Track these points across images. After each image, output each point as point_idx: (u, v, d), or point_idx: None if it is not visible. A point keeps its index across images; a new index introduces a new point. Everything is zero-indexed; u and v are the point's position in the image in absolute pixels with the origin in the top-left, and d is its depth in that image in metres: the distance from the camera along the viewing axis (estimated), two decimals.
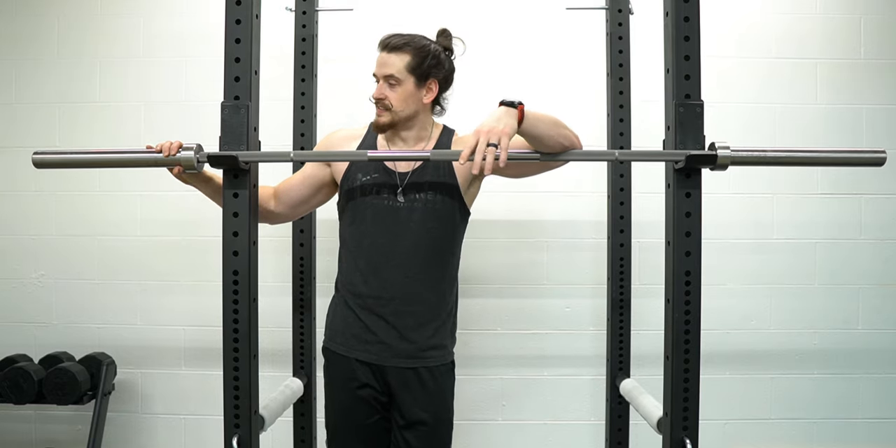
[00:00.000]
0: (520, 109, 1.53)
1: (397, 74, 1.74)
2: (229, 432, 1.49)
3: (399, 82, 1.75)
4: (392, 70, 1.74)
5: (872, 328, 2.58)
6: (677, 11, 1.48)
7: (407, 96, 1.76)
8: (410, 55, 1.75)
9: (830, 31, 2.59)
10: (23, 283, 2.64)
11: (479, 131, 1.49)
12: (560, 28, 2.57)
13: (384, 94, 1.75)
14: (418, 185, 1.78)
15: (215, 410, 1.83)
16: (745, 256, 2.58)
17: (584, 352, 2.56)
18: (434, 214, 1.77)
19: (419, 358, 1.78)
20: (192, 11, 2.61)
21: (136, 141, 2.56)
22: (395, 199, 1.77)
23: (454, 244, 1.84)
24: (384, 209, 1.77)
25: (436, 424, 1.78)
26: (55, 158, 1.58)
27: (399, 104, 1.75)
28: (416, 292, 1.78)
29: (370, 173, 1.79)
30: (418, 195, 1.77)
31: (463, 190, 1.81)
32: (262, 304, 1.60)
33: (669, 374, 1.50)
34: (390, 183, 1.78)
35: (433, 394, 1.78)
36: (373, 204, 1.78)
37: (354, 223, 1.81)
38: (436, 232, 1.78)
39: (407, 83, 1.75)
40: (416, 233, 1.76)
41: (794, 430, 2.59)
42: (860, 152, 1.61)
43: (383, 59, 1.76)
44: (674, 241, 1.49)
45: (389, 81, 1.75)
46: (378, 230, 1.78)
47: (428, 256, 1.78)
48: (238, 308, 1.50)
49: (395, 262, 1.77)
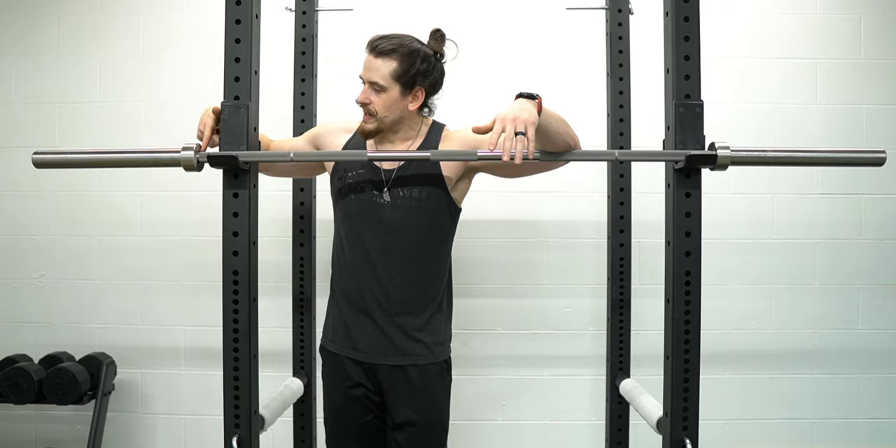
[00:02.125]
0: (538, 102, 1.48)
1: (382, 82, 1.70)
2: (229, 432, 1.49)
3: (383, 89, 1.70)
4: (376, 77, 1.70)
5: (872, 328, 2.58)
6: (677, 11, 1.48)
7: (391, 103, 1.72)
8: (397, 62, 1.69)
9: (830, 31, 2.59)
10: (23, 283, 2.64)
11: (504, 119, 1.42)
12: (560, 28, 2.57)
13: (368, 99, 1.72)
14: (403, 182, 1.75)
15: (215, 410, 1.82)
16: (745, 256, 2.58)
17: (583, 352, 2.56)
18: (420, 212, 1.75)
19: (407, 356, 1.76)
20: (191, 11, 2.61)
21: (136, 141, 2.57)
22: (380, 196, 1.75)
23: (442, 241, 1.81)
24: (370, 206, 1.76)
25: (424, 425, 1.75)
26: (55, 158, 1.58)
27: (383, 110, 1.72)
28: (401, 290, 1.76)
29: (356, 169, 1.78)
30: (403, 192, 1.74)
31: (450, 186, 1.77)
32: (262, 304, 1.60)
33: (669, 374, 1.50)
34: (375, 179, 1.76)
35: (421, 393, 1.76)
36: (358, 200, 1.77)
37: (343, 219, 1.81)
38: (421, 229, 1.76)
39: (392, 91, 1.70)
40: (401, 230, 1.74)
41: (794, 430, 2.59)
42: (860, 152, 1.61)
43: (369, 64, 1.72)
44: (674, 241, 1.49)
45: (374, 87, 1.71)
46: (364, 227, 1.76)
47: (413, 253, 1.76)
48: (238, 308, 1.49)
49: (380, 260, 1.75)
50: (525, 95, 1.49)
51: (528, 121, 1.42)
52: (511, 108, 1.46)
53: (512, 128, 1.41)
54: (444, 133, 1.81)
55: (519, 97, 1.50)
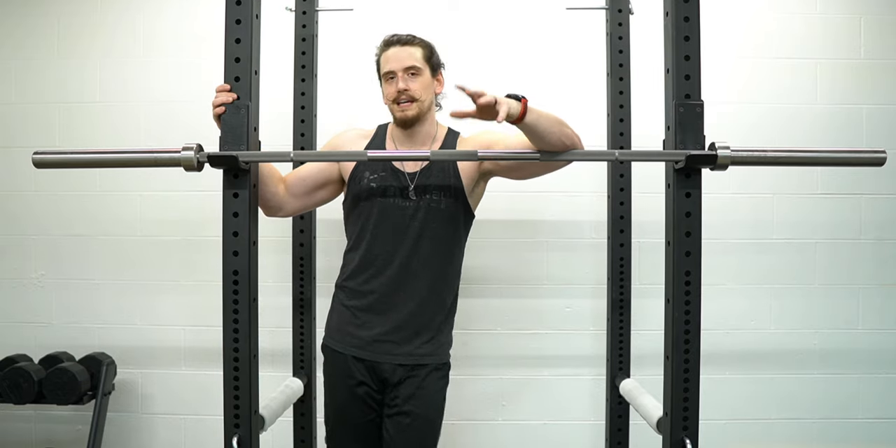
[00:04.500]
0: (523, 103, 1.53)
1: (418, 64, 1.78)
2: (229, 432, 1.49)
3: (420, 72, 1.78)
4: (413, 61, 1.78)
5: (872, 328, 2.58)
6: (677, 11, 1.48)
7: (427, 85, 1.81)
8: (422, 48, 1.81)
9: (830, 31, 2.59)
10: (23, 283, 2.64)
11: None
12: (560, 28, 2.57)
13: (408, 85, 1.77)
14: (425, 186, 1.79)
15: (215, 410, 1.83)
16: (745, 256, 2.58)
17: (583, 352, 2.56)
18: (438, 215, 1.78)
19: (414, 356, 1.79)
20: (191, 11, 2.61)
21: (136, 141, 2.57)
22: (402, 199, 1.78)
23: (456, 246, 1.85)
24: (390, 208, 1.78)
25: (418, 418, 1.77)
26: (55, 158, 1.57)
27: (422, 93, 1.79)
28: (415, 292, 1.78)
29: (377, 172, 1.80)
30: (424, 196, 1.78)
31: (468, 192, 1.82)
32: (262, 304, 1.60)
33: (669, 374, 1.50)
34: (398, 183, 1.79)
35: (421, 389, 1.78)
36: (379, 203, 1.79)
37: (359, 221, 1.82)
38: (438, 233, 1.79)
39: (426, 73, 1.80)
40: (419, 233, 1.77)
41: (794, 430, 2.58)
42: (860, 152, 1.61)
43: (398, 53, 1.78)
44: (674, 241, 1.49)
45: (411, 72, 1.78)
46: (381, 229, 1.79)
47: (428, 257, 1.79)
48: (238, 308, 1.49)
49: (395, 262, 1.78)
50: (511, 96, 1.54)
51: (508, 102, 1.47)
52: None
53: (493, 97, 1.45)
54: (459, 139, 1.87)
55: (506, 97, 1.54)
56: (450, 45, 1.85)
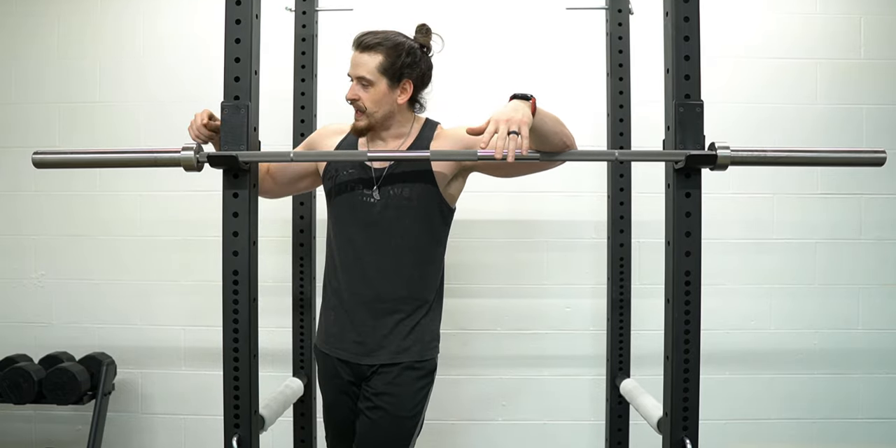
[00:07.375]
0: (532, 103, 1.50)
1: (368, 76, 1.69)
2: (229, 432, 1.49)
3: (371, 83, 1.70)
4: (363, 71, 1.69)
5: (872, 328, 2.59)
6: (677, 11, 1.48)
7: (380, 97, 1.71)
8: (383, 55, 1.69)
9: (830, 31, 2.59)
10: (23, 283, 2.64)
11: (498, 120, 1.43)
12: (560, 28, 2.57)
13: (357, 94, 1.71)
14: (393, 180, 1.74)
15: (215, 410, 1.83)
16: (745, 256, 2.58)
17: (583, 352, 2.56)
18: (409, 211, 1.73)
19: (395, 354, 1.74)
20: (191, 11, 2.61)
21: (136, 141, 2.57)
22: (370, 196, 1.74)
23: (433, 242, 1.79)
24: (359, 205, 1.75)
25: (390, 415, 1.71)
26: (55, 158, 1.57)
27: (372, 105, 1.71)
28: (389, 291, 1.74)
29: (347, 168, 1.78)
30: (393, 191, 1.73)
31: (442, 185, 1.76)
32: (262, 304, 1.60)
33: (669, 374, 1.50)
34: (366, 178, 1.75)
35: (399, 386, 1.73)
36: (349, 200, 1.76)
37: (334, 219, 1.81)
38: (412, 229, 1.74)
39: (379, 84, 1.70)
40: (390, 230, 1.73)
41: (794, 430, 2.59)
42: (860, 152, 1.61)
43: (355, 59, 1.72)
44: (674, 241, 1.49)
45: (362, 83, 1.71)
46: (353, 226, 1.76)
47: (402, 254, 1.74)
48: (238, 308, 1.49)
49: (368, 260, 1.74)
50: (519, 96, 1.51)
51: (522, 121, 1.44)
52: (505, 108, 1.47)
53: (505, 128, 1.42)
54: (437, 131, 1.80)
55: (513, 98, 1.51)
56: (449, 45, 1.84)
